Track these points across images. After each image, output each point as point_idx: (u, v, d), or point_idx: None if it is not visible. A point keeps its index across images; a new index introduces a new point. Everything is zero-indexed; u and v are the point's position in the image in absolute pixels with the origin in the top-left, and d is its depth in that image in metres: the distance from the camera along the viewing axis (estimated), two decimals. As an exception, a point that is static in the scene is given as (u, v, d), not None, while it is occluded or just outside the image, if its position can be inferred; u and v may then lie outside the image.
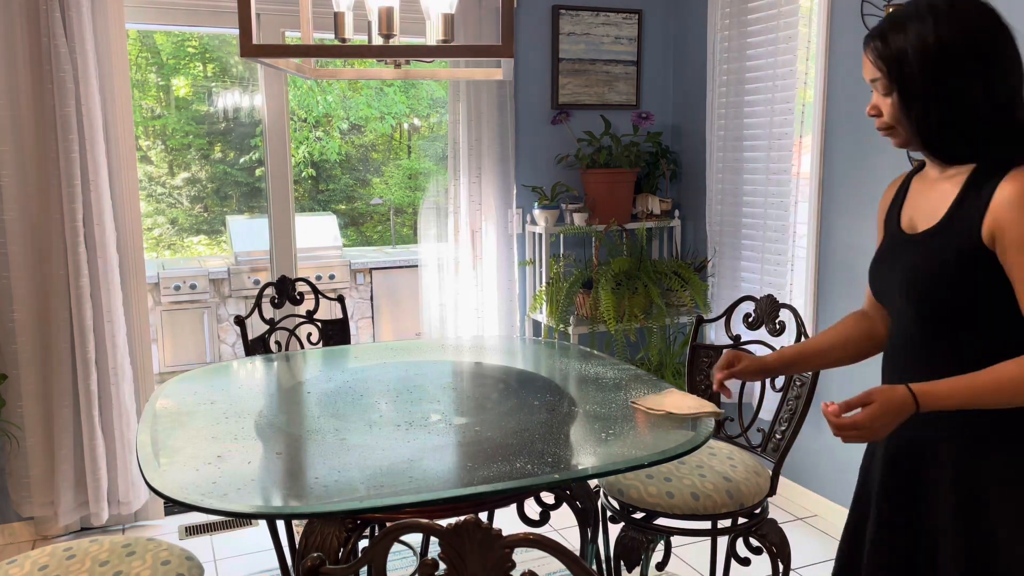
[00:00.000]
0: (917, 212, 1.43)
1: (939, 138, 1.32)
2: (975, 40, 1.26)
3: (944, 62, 1.27)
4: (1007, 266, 1.27)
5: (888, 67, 1.32)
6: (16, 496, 3.06)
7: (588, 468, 1.69)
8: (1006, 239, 1.26)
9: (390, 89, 7.66)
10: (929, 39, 1.27)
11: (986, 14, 1.29)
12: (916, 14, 1.29)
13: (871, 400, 1.26)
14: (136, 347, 3.15)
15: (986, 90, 1.27)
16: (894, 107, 1.34)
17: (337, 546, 1.65)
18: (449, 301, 3.68)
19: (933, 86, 1.28)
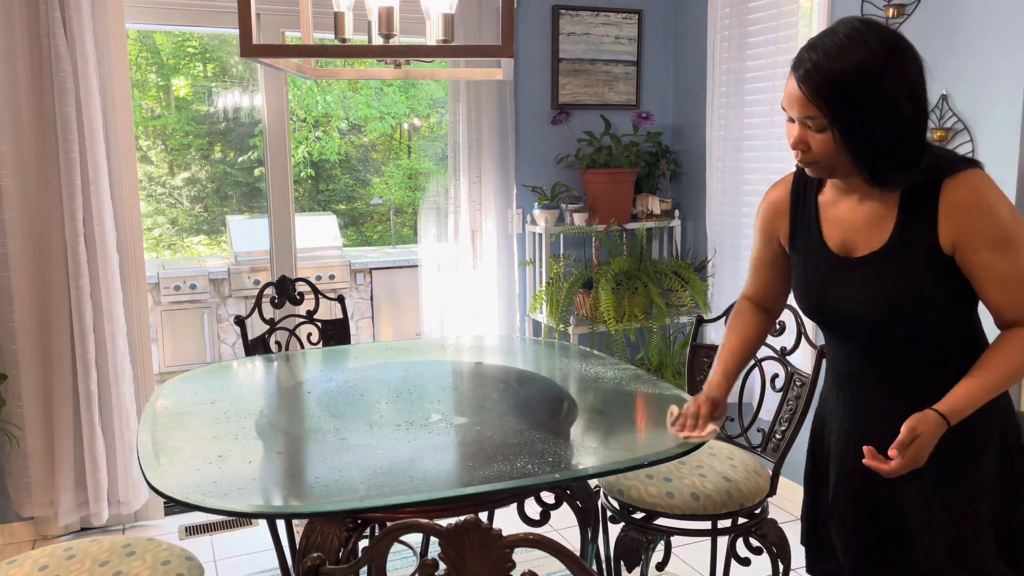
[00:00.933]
0: (850, 235, 1.46)
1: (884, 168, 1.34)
2: (903, 68, 1.30)
3: (884, 94, 1.29)
4: (971, 264, 1.35)
5: (828, 103, 1.30)
6: (16, 496, 3.06)
7: (588, 468, 1.69)
8: (968, 240, 1.33)
9: (390, 89, 7.66)
10: (870, 71, 1.28)
11: (904, 42, 1.32)
12: (849, 45, 1.29)
13: (917, 434, 1.32)
14: (136, 347, 3.15)
15: (916, 114, 1.32)
16: (829, 143, 1.34)
17: (337, 546, 1.65)
18: (449, 301, 3.68)
19: (876, 119, 1.30)
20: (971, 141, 2.50)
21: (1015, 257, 1.33)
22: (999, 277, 1.34)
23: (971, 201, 1.32)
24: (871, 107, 1.29)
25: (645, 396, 2.12)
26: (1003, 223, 1.33)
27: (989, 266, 1.34)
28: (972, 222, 1.33)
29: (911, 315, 1.39)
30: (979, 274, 1.35)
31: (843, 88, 1.29)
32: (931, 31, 2.61)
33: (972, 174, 1.34)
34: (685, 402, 2.04)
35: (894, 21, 2.72)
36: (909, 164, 1.34)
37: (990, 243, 1.32)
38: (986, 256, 1.33)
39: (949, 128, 2.55)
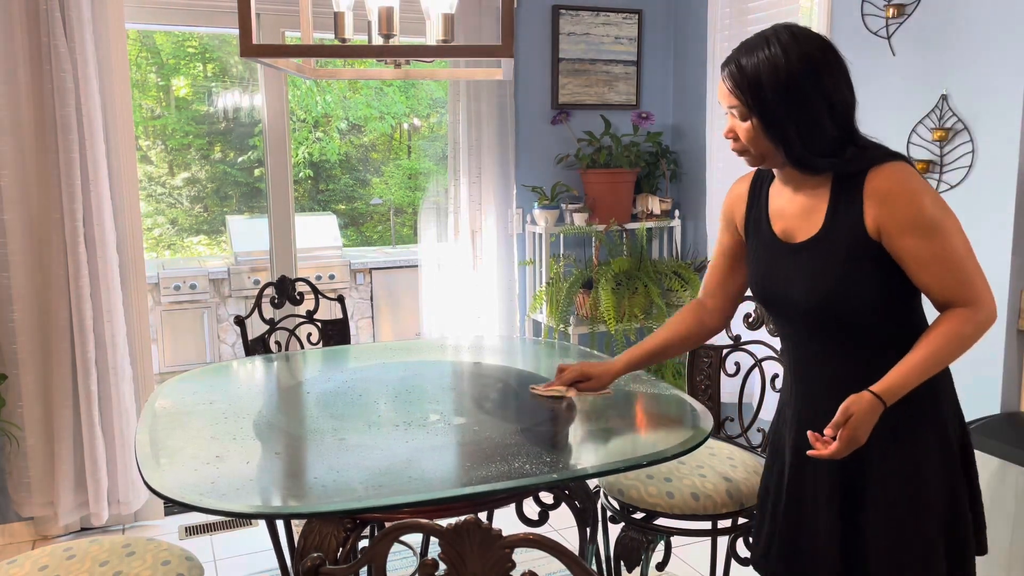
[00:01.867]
0: (789, 223, 1.56)
1: (801, 155, 1.45)
2: (815, 63, 1.42)
3: (793, 84, 1.41)
4: (896, 247, 1.42)
5: (745, 94, 1.45)
6: (16, 496, 3.06)
7: (587, 468, 1.69)
8: (893, 227, 1.41)
9: (390, 89, 7.66)
10: (779, 64, 1.42)
11: (822, 41, 1.46)
12: (765, 44, 1.44)
13: (850, 414, 1.40)
14: (136, 347, 3.15)
15: (829, 107, 1.43)
16: (752, 131, 1.47)
17: (336, 546, 1.65)
18: (449, 301, 3.68)
19: (787, 107, 1.42)
20: (971, 141, 2.50)
21: (938, 241, 1.40)
22: (924, 260, 1.41)
23: (893, 188, 1.41)
24: (782, 98, 1.42)
25: (645, 396, 2.12)
26: (924, 209, 1.40)
27: (913, 250, 1.41)
28: (894, 208, 1.40)
29: (845, 300, 1.46)
30: (905, 258, 1.42)
31: (756, 79, 1.43)
32: (931, 31, 2.61)
33: (896, 165, 1.43)
34: (684, 402, 2.04)
35: (894, 21, 2.72)
36: (827, 151, 1.44)
37: (912, 228, 1.40)
38: (909, 240, 1.40)
39: (949, 128, 2.55)
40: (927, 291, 1.45)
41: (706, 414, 1.93)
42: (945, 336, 1.41)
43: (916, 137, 2.67)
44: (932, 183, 2.63)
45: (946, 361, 1.42)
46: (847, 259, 1.45)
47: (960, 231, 1.43)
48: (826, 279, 1.47)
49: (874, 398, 1.40)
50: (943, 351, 1.41)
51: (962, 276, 1.42)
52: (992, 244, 2.46)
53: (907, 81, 2.70)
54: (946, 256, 1.41)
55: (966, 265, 1.42)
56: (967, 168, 2.52)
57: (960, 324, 1.41)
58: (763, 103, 1.44)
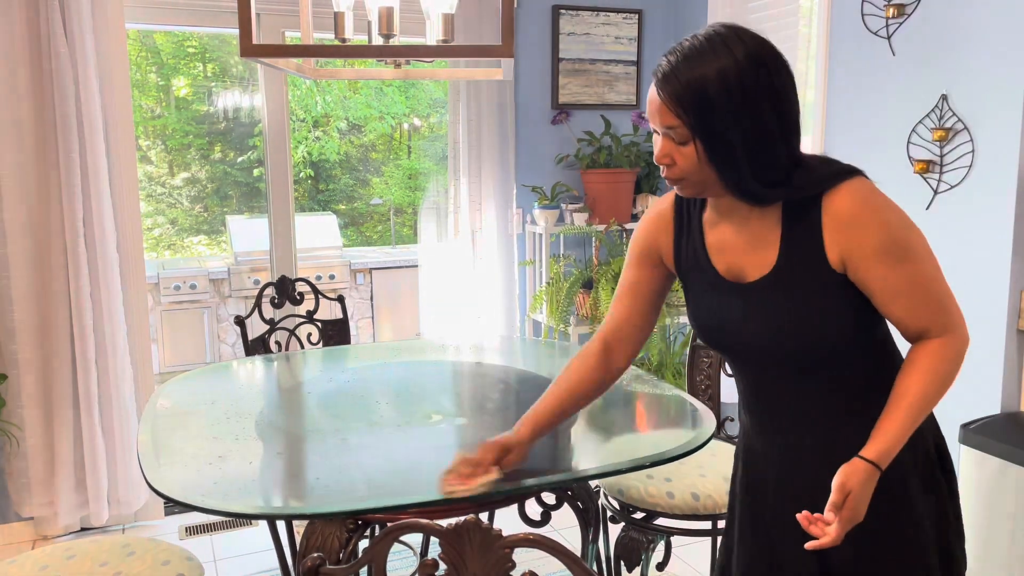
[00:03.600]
0: (737, 261, 1.35)
1: (750, 184, 1.24)
2: (768, 75, 1.21)
3: (745, 99, 1.19)
4: (864, 277, 1.25)
5: (688, 112, 1.21)
6: (16, 496, 3.06)
7: (589, 468, 1.69)
8: (859, 255, 1.24)
9: (390, 89, 7.66)
10: (730, 77, 1.19)
11: (771, 49, 1.24)
12: (711, 50, 1.21)
13: (848, 490, 1.23)
14: (136, 347, 3.15)
15: (781, 126, 1.22)
16: (692, 155, 1.24)
17: (338, 546, 1.65)
18: (449, 301, 3.68)
19: (737, 127, 1.20)
20: (971, 141, 2.50)
21: (910, 266, 1.24)
22: (895, 289, 1.24)
23: (855, 213, 1.23)
24: (733, 117, 1.20)
25: (645, 396, 2.12)
26: (891, 232, 1.23)
27: (883, 279, 1.24)
28: (858, 235, 1.23)
29: (812, 341, 1.29)
30: (874, 288, 1.25)
31: (703, 95, 1.19)
32: (931, 31, 2.61)
33: (853, 184, 1.24)
34: (685, 402, 2.04)
35: (894, 21, 2.72)
36: (778, 180, 1.25)
37: (880, 255, 1.23)
38: (878, 269, 1.23)
39: (949, 128, 2.55)
40: (898, 322, 1.28)
41: (708, 414, 1.93)
42: (927, 379, 1.25)
43: (916, 137, 2.67)
44: (932, 183, 2.64)
45: (933, 405, 1.27)
46: (810, 296, 1.28)
47: (929, 251, 1.27)
48: (789, 321, 1.29)
49: (870, 467, 1.23)
50: (929, 396, 1.25)
51: (936, 303, 1.26)
52: (992, 244, 2.46)
53: (907, 81, 2.70)
54: (919, 283, 1.25)
55: (939, 290, 1.27)
56: (967, 168, 2.52)
57: (939, 362, 1.26)
58: (710, 123, 1.21)
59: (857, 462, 1.24)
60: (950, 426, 2.49)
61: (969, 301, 2.54)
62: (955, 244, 2.58)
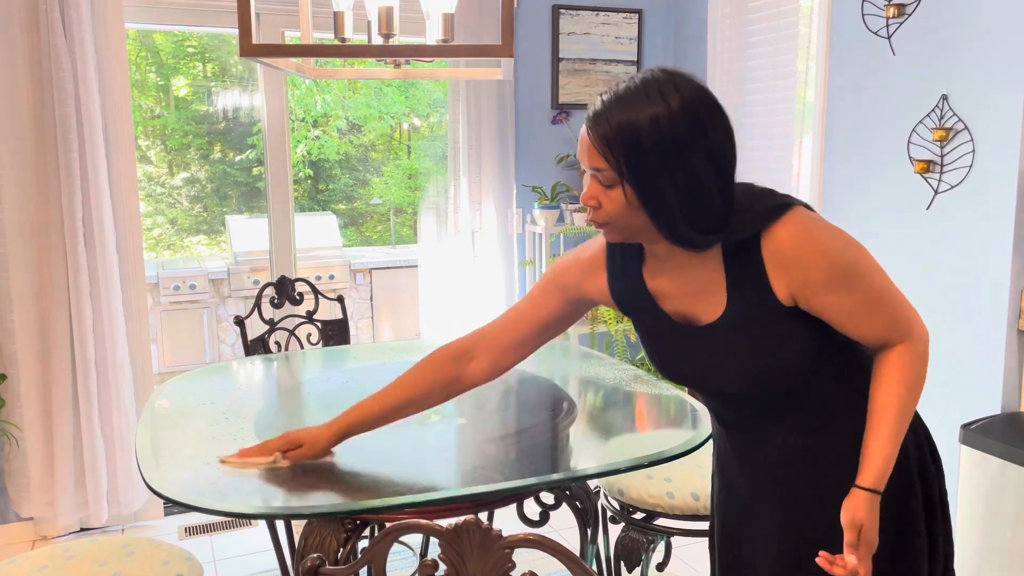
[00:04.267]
0: (685, 307, 1.33)
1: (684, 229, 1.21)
2: (702, 127, 1.18)
3: (677, 149, 1.16)
4: (818, 307, 1.24)
5: (618, 155, 1.16)
6: (16, 496, 3.06)
7: (588, 468, 1.69)
8: (809, 289, 1.22)
9: (389, 89, 7.66)
10: (662, 121, 1.15)
11: (708, 99, 1.21)
12: (645, 95, 1.17)
13: (859, 525, 1.24)
14: (135, 347, 3.15)
15: (716, 176, 1.20)
16: (621, 199, 1.20)
17: (337, 546, 1.64)
18: (449, 301, 3.68)
19: (670, 173, 1.16)
20: (971, 141, 2.50)
21: (860, 288, 1.24)
22: (849, 312, 1.24)
23: (795, 249, 1.21)
24: (663, 165, 1.16)
25: (645, 396, 2.12)
26: (834, 260, 1.21)
27: (835, 306, 1.23)
28: (803, 270, 1.21)
29: (774, 376, 1.29)
30: (829, 315, 1.25)
31: (634, 140, 1.15)
32: (931, 31, 2.61)
33: (788, 219, 1.22)
34: (684, 402, 2.04)
35: (894, 21, 2.72)
36: (712, 227, 1.22)
37: (828, 285, 1.22)
38: (829, 298, 1.23)
39: (949, 128, 2.55)
40: (858, 339, 1.28)
41: (707, 414, 1.93)
42: (900, 391, 1.26)
43: (916, 137, 2.67)
44: (932, 183, 2.64)
45: (911, 413, 1.27)
46: (765, 334, 1.26)
47: (875, 265, 1.26)
48: (748, 361, 1.29)
49: (869, 494, 1.24)
50: (906, 406, 1.26)
51: (891, 314, 1.26)
52: (992, 244, 2.46)
53: (907, 81, 2.70)
54: (871, 300, 1.25)
55: (892, 300, 1.27)
56: (967, 168, 2.52)
57: (907, 369, 1.26)
58: (639, 169, 1.16)
59: (857, 493, 1.25)
60: (950, 426, 2.49)
61: (969, 301, 2.54)
62: (955, 244, 2.58)
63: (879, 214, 2.84)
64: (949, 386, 2.60)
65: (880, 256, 2.97)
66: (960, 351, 2.58)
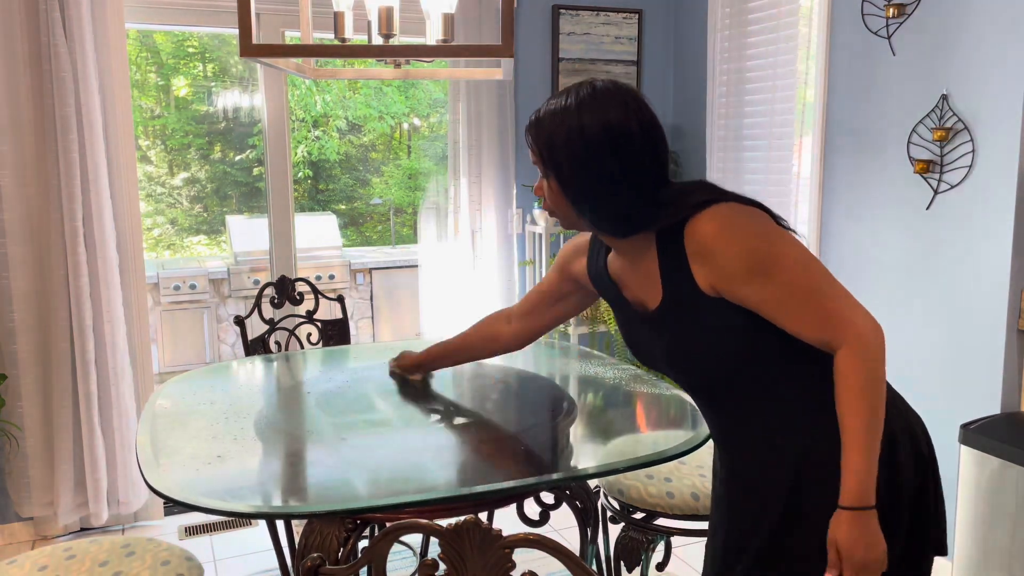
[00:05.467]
0: (636, 292, 1.42)
1: (598, 218, 1.35)
2: (612, 129, 1.27)
3: (586, 151, 1.28)
4: (740, 299, 1.26)
5: (542, 155, 1.34)
6: (16, 496, 3.06)
7: (588, 468, 1.69)
8: (725, 281, 1.25)
9: (389, 89, 7.66)
10: (573, 129, 1.29)
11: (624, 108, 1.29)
12: (564, 104, 1.31)
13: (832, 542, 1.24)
14: (136, 347, 3.15)
15: (627, 174, 1.29)
16: (552, 190, 1.36)
17: (337, 546, 1.64)
18: (449, 301, 3.68)
19: (580, 173, 1.30)
20: (971, 141, 2.50)
21: (779, 278, 1.23)
22: (773, 303, 1.24)
23: (710, 240, 1.25)
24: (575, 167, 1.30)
25: (645, 396, 2.12)
26: (750, 249, 1.23)
27: (757, 296, 1.24)
28: (719, 261, 1.25)
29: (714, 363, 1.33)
30: (755, 306, 1.26)
31: (550, 144, 1.32)
32: (931, 31, 2.61)
33: (711, 212, 1.26)
34: (684, 402, 2.04)
35: (894, 21, 2.72)
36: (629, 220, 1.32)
37: (744, 274, 1.23)
38: (749, 288, 1.24)
39: (949, 128, 2.55)
40: (794, 333, 1.26)
41: (706, 414, 1.93)
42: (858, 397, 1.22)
43: (916, 137, 2.67)
44: (932, 183, 2.64)
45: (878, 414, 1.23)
46: (698, 323, 1.31)
47: (805, 259, 1.25)
48: (687, 347, 1.34)
49: (848, 513, 1.22)
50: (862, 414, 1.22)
51: (822, 309, 1.23)
52: (992, 244, 2.46)
53: (907, 81, 2.70)
54: (795, 294, 1.23)
55: (822, 294, 1.24)
56: (967, 168, 2.52)
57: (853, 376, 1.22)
58: (557, 166, 1.32)
59: (838, 513, 1.24)
60: (950, 426, 2.49)
61: (969, 301, 2.54)
62: (955, 244, 2.58)
63: (879, 214, 2.84)
64: (949, 386, 2.60)
65: (880, 256, 2.97)
66: (960, 351, 2.58)
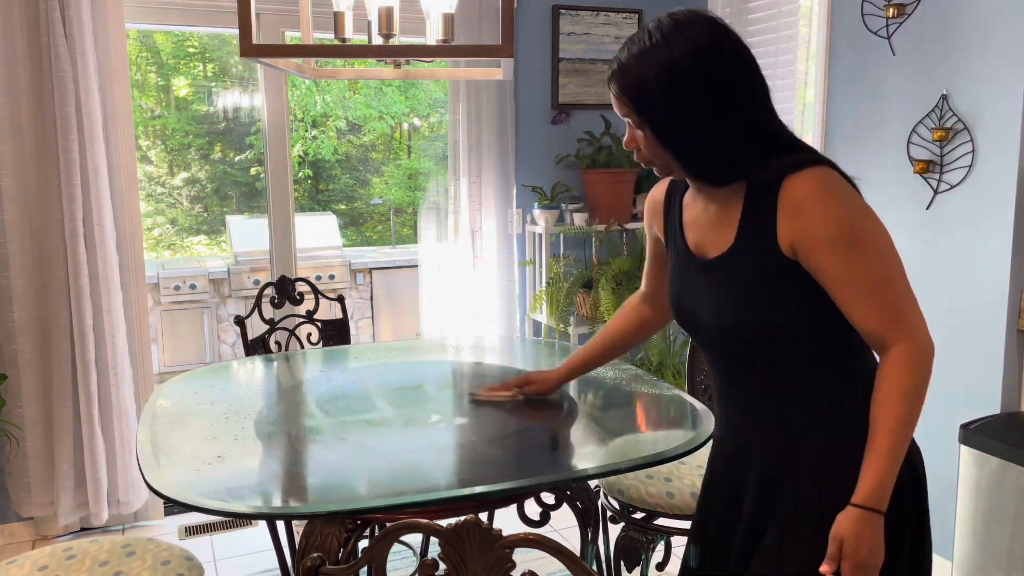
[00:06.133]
0: (702, 236, 1.38)
1: (699, 165, 1.29)
2: (703, 54, 1.21)
3: (681, 85, 1.22)
4: (815, 267, 1.23)
5: (633, 102, 1.27)
6: (16, 496, 3.06)
7: (588, 468, 1.69)
8: (808, 242, 1.22)
9: (389, 89, 7.66)
10: (663, 64, 1.22)
11: (710, 30, 1.23)
12: (649, 43, 1.24)
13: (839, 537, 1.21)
14: (136, 347, 3.15)
15: (728, 110, 1.23)
16: (648, 140, 1.30)
17: (337, 546, 1.64)
18: (449, 301, 3.68)
19: (677, 114, 1.24)
20: (971, 141, 2.50)
21: (859, 257, 1.20)
22: (843, 281, 1.21)
23: (807, 197, 1.21)
24: (672, 107, 1.24)
25: (645, 396, 2.12)
26: (842, 219, 1.20)
27: (831, 268, 1.21)
28: (808, 220, 1.21)
29: (756, 326, 1.28)
30: (824, 279, 1.22)
31: (642, 86, 1.24)
32: (931, 31, 2.61)
33: (815, 171, 1.23)
34: (684, 402, 2.04)
35: (894, 21, 2.72)
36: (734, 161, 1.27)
37: (829, 242, 1.20)
38: (826, 257, 1.21)
39: (949, 128, 2.55)
40: (850, 320, 1.24)
41: (707, 414, 1.93)
42: (899, 400, 1.19)
43: (916, 137, 2.67)
44: (932, 183, 2.64)
45: (913, 424, 1.20)
46: (757, 280, 1.27)
47: (889, 248, 1.23)
48: (734, 302, 1.30)
49: (860, 512, 1.19)
50: (901, 419, 1.19)
51: (889, 305, 1.20)
52: (992, 244, 2.46)
53: (907, 81, 2.70)
54: (868, 278, 1.20)
55: (895, 288, 1.21)
56: (967, 168, 2.52)
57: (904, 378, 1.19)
58: (652, 113, 1.26)
59: (848, 510, 1.21)
60: (950, 426, 2.49)
61: (969, 301, 2.54)
62: (955, 244, 2.58)
63: (879, 214, 2.84)
64: (949, 386, 2.60)
65: (880, 256, 2.95)
66: (960, 351, 2.58)
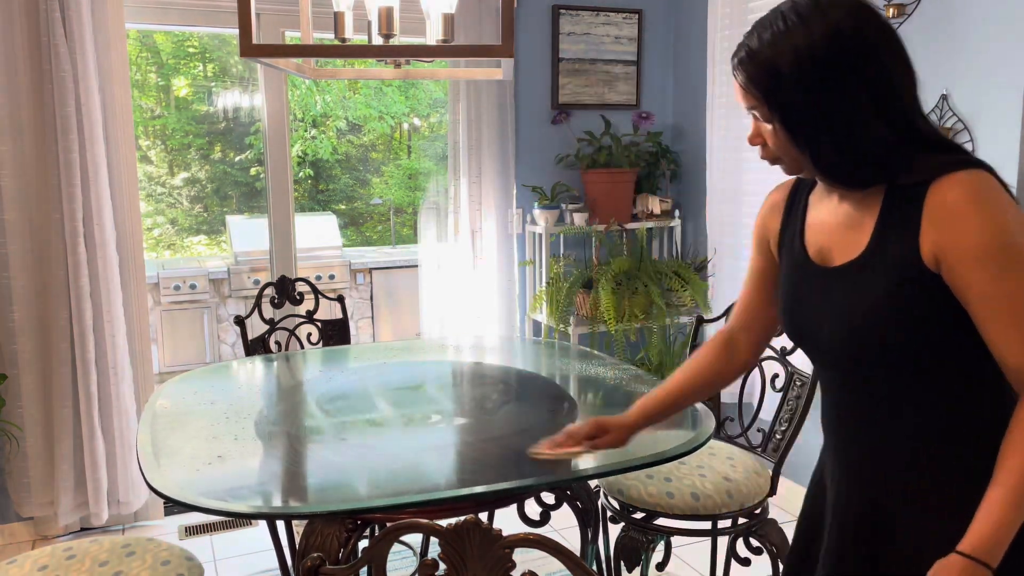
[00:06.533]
0: (827, 241, 1.24)
1: (837, 165, 1.14)
2: (853, 50, 1.08)
3: (820, 74, 1.08)
4: (960, 284, 1.08)
5: (763, 92, 1.12)
6: (16, 496, 3.06)
7: (588, 468, 1.69)
8: (955, 255, 1.07)
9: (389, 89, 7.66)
10: (802, 49, 1.08)
11: (854, 12, 1.09)
12: (784, 26, 1.09)
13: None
14: (136, 347, 3.15)
15: (875, 101, 1.09)
16: (778, 135, 1.15)
17: (337, 546, 1.64)
18: (449, 301, 3.68)
19: (815, 105, 1.10)
20: (971, 141, 2.50)
21: (1014, 278, 1.05)
22: (991, 302, 1.06)
23: (959, 205, 1.07)
24: (809, 96, 1.09)
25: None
26: (997, 234, 1.06)
27: (978, 287, 1.06)
28: (957, 231, 1.07)
29: (884, 340, 1.14)
30: (968, 298, 1.08)
31: (775, 73, 1.10)
32: (931, 31, 2.61)
33: (968, 175, 1.09)
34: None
35: (894, 21, 2.72)
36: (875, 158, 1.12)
37: (979, 258, 1.05)
38: (974, 274, 1.06)
39: (949, 128, 2.55)
40: (994, 349, 1.08)
41: (707, 414, 1.93)
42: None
43: (916, 137, 2.67)
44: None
45: None
46: (892, 292, 1.12)
47: None
48: (861, 315, 1.15)
49: (966, 561, 1.04)
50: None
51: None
52: (992, 244, 2.46)
53: (907, 81, 2.69)
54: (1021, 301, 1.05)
55: None
56: (967, 168, 2.52)
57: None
58: (785, 104, 1.11)
59: (950, 556, 1.06)
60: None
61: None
62: (955, 244, 2.58)
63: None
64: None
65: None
66: (960, 351, 2.58)
